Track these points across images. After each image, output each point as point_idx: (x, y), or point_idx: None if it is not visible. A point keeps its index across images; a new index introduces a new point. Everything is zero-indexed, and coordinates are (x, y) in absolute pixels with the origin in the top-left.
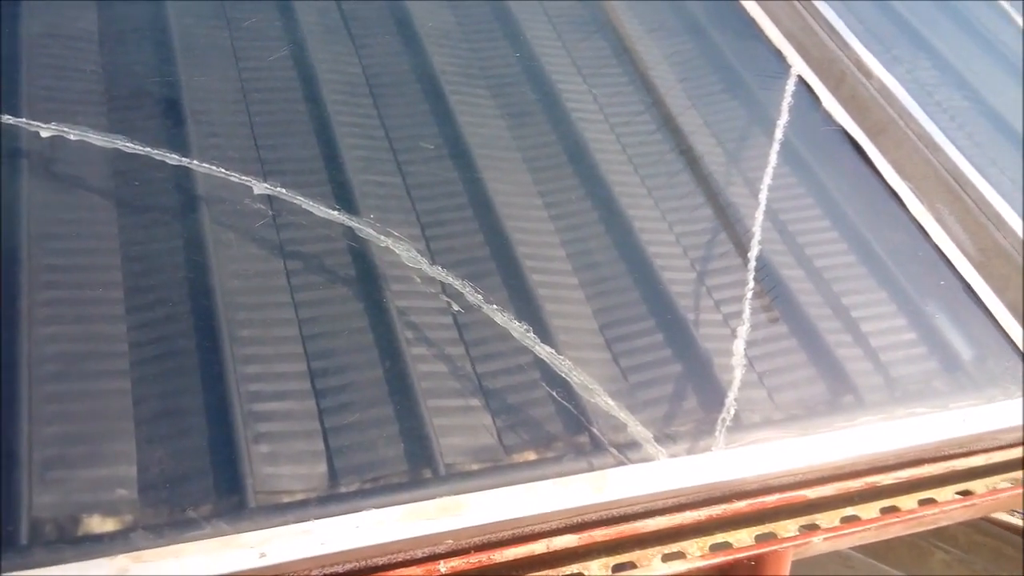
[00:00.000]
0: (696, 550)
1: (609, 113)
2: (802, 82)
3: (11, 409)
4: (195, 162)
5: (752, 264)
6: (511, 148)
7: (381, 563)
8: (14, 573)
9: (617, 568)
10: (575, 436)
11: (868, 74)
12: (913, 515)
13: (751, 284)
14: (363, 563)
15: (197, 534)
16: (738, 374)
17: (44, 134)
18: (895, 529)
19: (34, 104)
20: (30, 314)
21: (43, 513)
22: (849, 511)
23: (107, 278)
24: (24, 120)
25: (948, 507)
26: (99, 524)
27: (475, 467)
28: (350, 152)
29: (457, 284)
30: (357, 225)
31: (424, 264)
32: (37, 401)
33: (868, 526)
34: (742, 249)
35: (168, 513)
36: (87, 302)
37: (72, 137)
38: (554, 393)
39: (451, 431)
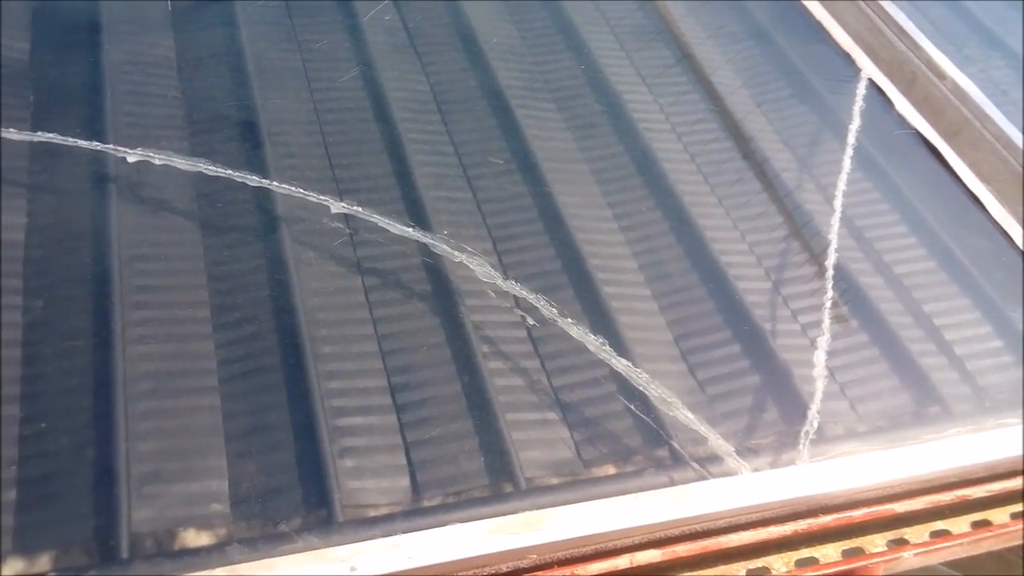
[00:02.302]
0: (781, 565)
1: (676, 122)
2: (873, 85)
3: (108, 426)
4: (274, 183)
5: (830, 272)
6: (578, 160)
7: None
8: None
9: None
10: (654, 450)
11: (941, 75)
12: (1006, 529)
13: (829, 293)
14: None
15: (290, 548)
16: (820, 385)
17: (131, 159)
18: (987, 544)
19: (119, 130)
20: (124, 334)
21: (141, 528)
22: (939, 525)
23: (194, 298)
24: (111, 146)
25: None
26: (195, 538)
27: (555, 481)
28: (421, 169)
29: (531, 298)
30: (431, 241)
31: (498, 279)
32: (133, 418)
33: (959, 540)
34: (818, 257)
35: (261, 527)
36: (177, 321)
37: (157, 162)
38: (632, 406)
39: (530, 445)
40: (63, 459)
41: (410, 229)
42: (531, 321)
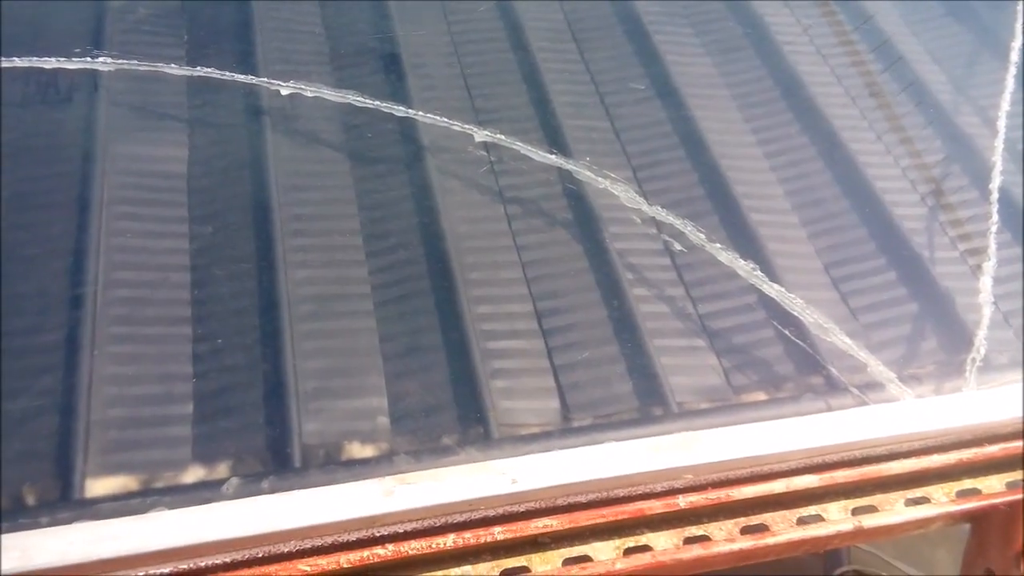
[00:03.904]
0: (942, 496)
1: (821, 44)
2: None
3: (276, 344)
4: (419, 113)
5: (993, 196)
6: (719, 85)
7: (622, 495)
8: (292, 492)
9: (857, 511)
10: (808, 376)
11: None
12: None
13: (993, 218)
14: (605, 494)
15: (452, 460)
16: (986, 313)
17: (284, 92)
18: None
19: (270, 65)
20: (285, 259)
21: (312, 439)
22: None
23: (348, 226)
24: (265, 79)
25: None
26: (362, 449)
27: (706, 406)
28: (559, 98)
29: (678, 224)
30: (574, 168)
31: (643, 205)
32: (298, 337)
33: None
34: (979, 182)
35: (423, 440)
36: (333, 248)
37: (308, 94)
38: (782, 333)
39: (679, 370)
40: (237, 375)
41: (552, 156)
42: (678, 247)
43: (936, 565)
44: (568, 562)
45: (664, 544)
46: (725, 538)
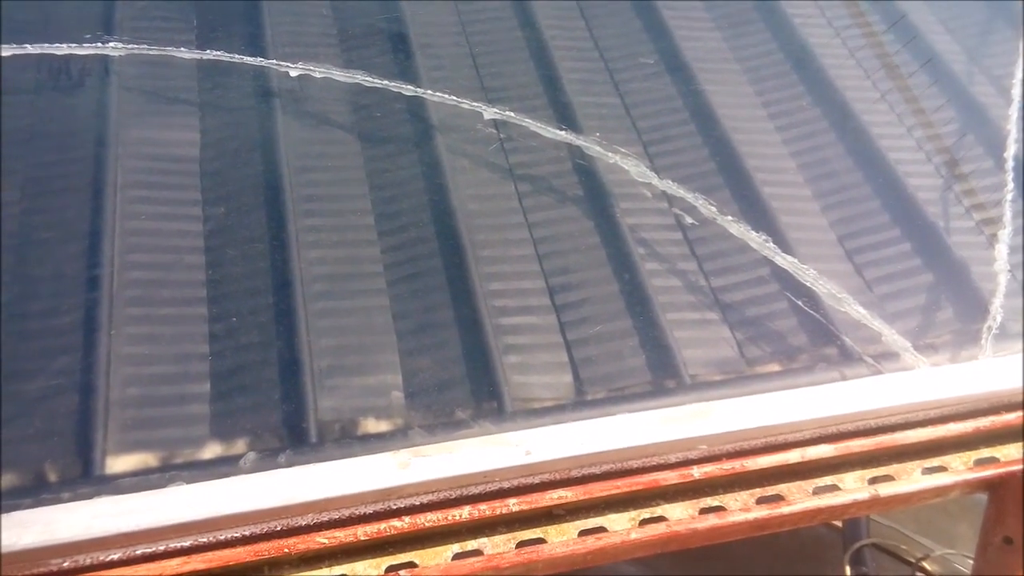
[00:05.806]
0: (960, 464)
1: (832, 16)
2: None
3: (291, 323)
4: (428, 92)
5: (1009, 165)
6: (730, 59)
7: (636, 466)
8: (308, 465)
9: (874, 480)
10: (822, 347)
11: None
12: None
13: (1009, 186)
14: (619, 465)
15: (466, 433)
16: (1002, 281)
17: (293, 73)
18: None
19: (279, 47)
20: (297, 239)
21: (327, 416)
22: None
23: (359, 205)
24: (274, 62)
25: None
26: (377, 424)
27: (719, 378)
28: (568, 75)
29: (689, 197)
30: (584, 144)
31: (654, 179)
32: (312, 316)
33: None
34: (994, 151)
35: (437, 415)
36: (345, 227)
37: (317, 75)
38: (795, 304)
39: (692, 343)
40: (253, 353)
41: (562, 133)
42: (690, 220)
43: (957, 539)
44: (584, 533)
45: (679, 515)
46: (740, 508)
